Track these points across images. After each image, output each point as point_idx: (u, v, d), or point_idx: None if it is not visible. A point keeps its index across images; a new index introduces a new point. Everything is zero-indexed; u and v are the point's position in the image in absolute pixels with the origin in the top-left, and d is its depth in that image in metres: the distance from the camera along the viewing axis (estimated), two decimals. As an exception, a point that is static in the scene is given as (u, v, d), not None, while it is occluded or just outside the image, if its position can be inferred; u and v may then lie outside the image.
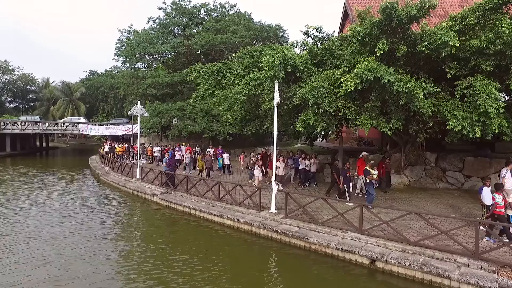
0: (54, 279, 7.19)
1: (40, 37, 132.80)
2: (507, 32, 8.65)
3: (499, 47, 8.95)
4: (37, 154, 46.99)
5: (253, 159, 15.85)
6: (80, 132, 40.92)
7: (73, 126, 41.72)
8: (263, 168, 14.38)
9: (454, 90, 10.34)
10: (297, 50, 14.62)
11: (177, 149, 20.13)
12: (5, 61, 75.01)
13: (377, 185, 11.54)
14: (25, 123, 40.63)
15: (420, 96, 8.96)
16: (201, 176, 15.89)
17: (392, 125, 10.42)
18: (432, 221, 8.23)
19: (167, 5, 30.37)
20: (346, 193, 11.27)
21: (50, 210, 13.18)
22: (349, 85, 9.43)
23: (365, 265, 7.54)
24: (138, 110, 17.48)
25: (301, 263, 8.12)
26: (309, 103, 10.10)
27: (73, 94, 73.95)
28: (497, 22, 9.08)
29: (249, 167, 16.31)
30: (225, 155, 18.50)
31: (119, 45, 30.15)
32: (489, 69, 9.48)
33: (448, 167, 15.40)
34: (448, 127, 9.43)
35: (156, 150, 21.45)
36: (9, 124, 39.65)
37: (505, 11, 9.65)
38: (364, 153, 13.51)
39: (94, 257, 8.44)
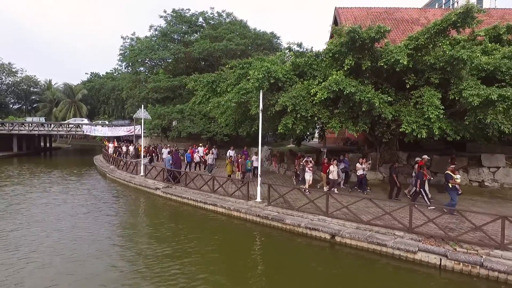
0: (70, 247, 9.18)
1: (43, 39, 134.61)
2: (447, 52, 10.60)
3: (441, 64, 10.90)
4: (41, 154, 48.79)
5: (302, 161, 15.11)
6: (84, 133, 42.64)
7: (77, 127, 43.53)
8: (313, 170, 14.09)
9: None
10: (287, 59, 16.59)
11: (196, 150, 21.03)
12: (9, 63, 76.71)
13: (460, 191, 11.12)
14: (31, 124, 42.53)
15: (377, 104, 10.90)
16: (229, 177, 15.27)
17: (359, 127, 12.37)
18: (382, 206, 10.18)
19: (168, 14, 32.42)
20: (425, 197, 11.14)
21: (64, 201, 15.11)
22: (321, 95, 11.37)
23: (327, 240, 9.48)
24: (142, 113, 19.40)
25: (276, 239, 10.04)
26: (288, 110, 12.05)
27: (75, 95, 75.66)
28: (440, 44, 11.03)
29: (297, 171, 15.99)
30: (254, 157, 17.93)
31: (122, 51, 32.17)
32: (436, 82, 11.43)
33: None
34: (400, 130, 11.38)
35: (165, 152, 22.22)
36: (16, 126, 41.55)
37: (448, 34, 11.60)
38: (425, 156, 12.91)
39: (104, 230, 10.54)
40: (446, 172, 10.43)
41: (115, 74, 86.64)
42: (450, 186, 10.08)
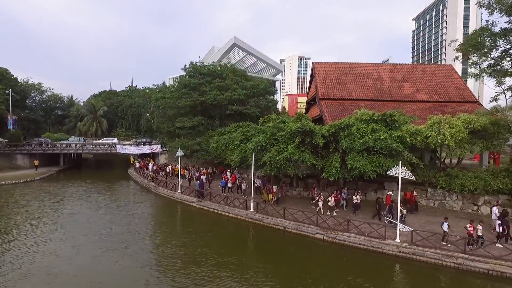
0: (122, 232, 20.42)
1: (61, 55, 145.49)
2: (343, 141, 21.78)
3: (344, 145, 22.05)
4: (76, 166, 59.75)
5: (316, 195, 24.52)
6: (117, 152, 53.84)
7: (110, 147, 54.79)
8: (322, 199, 22.95)
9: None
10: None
11: (227, 176, 30.63)
12: (39, 83, 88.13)
13: (404, 217, 19.59)
14: (76, 144, 53.82)
15: (309, 163, 22.05)
16: (266, 203, 24.22)
17: (304, 172, 23.58)
18: (306, 213, 21.36)
19: (187, 68, 43.81)
20: (392, 219, 19.47)
21: (131, 207, 26.29)
22: (281, 159, 22.51)
23: (281, 230, 20.68)
24: (179, 152, 30.67)
25: (257, 230, 21.23)
26: (267, 163, 23.27)
27: (96, 112, 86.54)
28: (340, 133, 22.22)
29: (313, 198, 24.90)
30: (275, 187, 26.12)
31: (156, 97, 43.51)
32: (341, 150, 22.58)
33: (349, 187, 28.53)
34: (322, 175, 22.57)
35: (203, 178, 30.61)
36: (65, 146, 52.81)
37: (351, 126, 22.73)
38: (390, 192, 22.36)
39: (157, 222, 21.77)
40: (399, 207, 19.21)
41: (128, 91, 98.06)
42: (400, 215, 18.92)
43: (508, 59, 22.66)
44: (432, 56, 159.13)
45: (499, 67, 22.33)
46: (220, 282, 13.38)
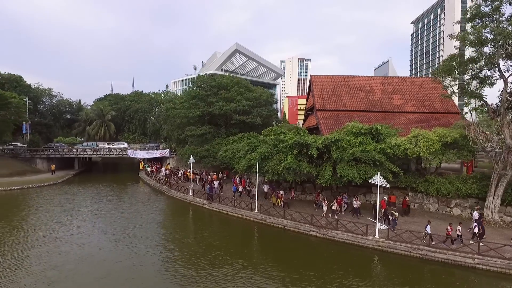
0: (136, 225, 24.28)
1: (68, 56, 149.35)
2: (334, 153, 25.56)
3: (335, 156, 25.83)
4: (88, 169, 63.37)
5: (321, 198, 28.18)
6: (128, 156, 57.61)
7: (122, 151, 58.61)
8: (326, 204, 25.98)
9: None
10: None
11: (237, 181, 34.19)
12: (49, 88, 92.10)
13: (397, 219, 22.34)
14: (91, 149, 57.65)
15: (305, 172, 25.83)
16: (274, 206, 28.18)
17: (301, 179, 27.37)
18: (302, 214, 25.14)
19: (195, 79, 47.72)
20: (387, 220, 22.48)
21: (149, 207, 30.10)
22: (282, 167, 26.29)
23: (282, 228, 24.47)
24: (191, 160, 34.47)
25: (260, 228, 25.03)
26: (269, 171, 27.05)
27: (105, 116, 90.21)
28: (332, 145, 26.00)
29: (316, 202, 28.41)
30: (281, 192, 29.34)
31: (165, 107, 47.45)
32: (333, 160, 26.36)
33: (342, 190, 32.33)
34: (316, 182, 26.35)
35: (216, 183, 34.31)
36: (80, 151, 56.63)
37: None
38: (385, 197, 25.53)
39: (171, 219, 25.64)
40: (391, 211, 22.79)
41: (135, 96, 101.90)
42: (393, 218, 22.24)
43: (476, 81, 26.42)
44: (430, 59, 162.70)
45: (468, 89, 26.08)
46: (231, 267, 17.17)
